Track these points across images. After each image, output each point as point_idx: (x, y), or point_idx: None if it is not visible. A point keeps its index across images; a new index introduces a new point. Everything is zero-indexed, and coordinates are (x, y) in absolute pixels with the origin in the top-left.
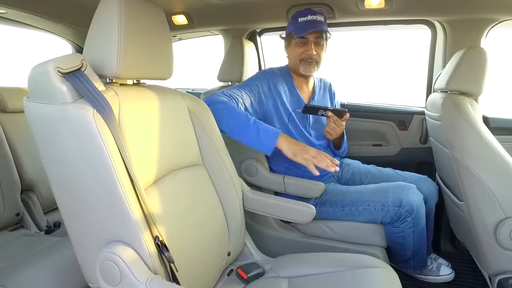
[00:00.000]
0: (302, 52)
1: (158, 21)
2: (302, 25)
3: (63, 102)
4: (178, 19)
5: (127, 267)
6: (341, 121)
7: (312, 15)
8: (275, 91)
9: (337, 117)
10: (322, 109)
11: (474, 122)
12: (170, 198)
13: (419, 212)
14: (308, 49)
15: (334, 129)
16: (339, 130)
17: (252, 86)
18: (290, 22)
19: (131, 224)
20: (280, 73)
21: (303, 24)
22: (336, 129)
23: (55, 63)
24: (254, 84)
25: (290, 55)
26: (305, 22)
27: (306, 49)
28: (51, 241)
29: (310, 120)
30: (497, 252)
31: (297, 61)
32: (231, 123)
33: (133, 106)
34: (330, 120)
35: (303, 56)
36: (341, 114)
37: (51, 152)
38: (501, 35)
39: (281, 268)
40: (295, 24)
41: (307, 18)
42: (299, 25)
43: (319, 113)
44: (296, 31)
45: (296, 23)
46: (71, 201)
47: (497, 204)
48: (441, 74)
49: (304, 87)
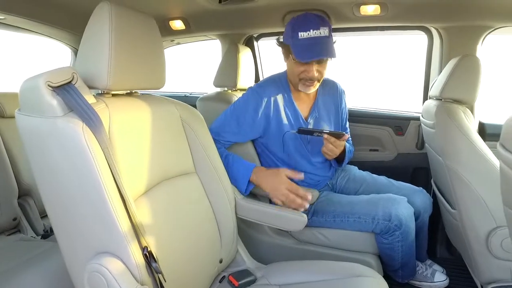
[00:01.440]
0: (302, 72)
1: (150, 32)
2: (305, 45)
3: (53, 116)
4: (175, 24)
5: (113, 279)
6: (339, 142)
7: (315, 29)
8: (267, 109)
9: (335, 138)
10: (317, 132)
11: (467, 131)
12: (161, 207)
13: (408, 226)
14: (309, 70)
15: (332, 150)
16: (338, 151)
17: (239, 114)
18: (288, 33)
19: (118, 236)
20: (275, 85)
21: (306, 43)
22: (334, 150)
23: (46, 77)
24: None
25: (288, 68)
26: (308, 40)
27: (306, 70)
28: (47, 246)
29: (308, 136)
30: (489, 261)
31: (296, 79)
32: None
33: (124, 116)
34: (328, 142)
35: (302, 76)
36: (338, 136)
37: (41, 164)
38: (502, 41)
39: (273, 275)
40: (296, 40)
41: (310, 35)
42: (300, 43)
43: (314, 134)
44: (297, 52)
45: (296, 38)
46: (60, 212)
47: (488, 213)
48: (436, 82)
49: (304, 97)
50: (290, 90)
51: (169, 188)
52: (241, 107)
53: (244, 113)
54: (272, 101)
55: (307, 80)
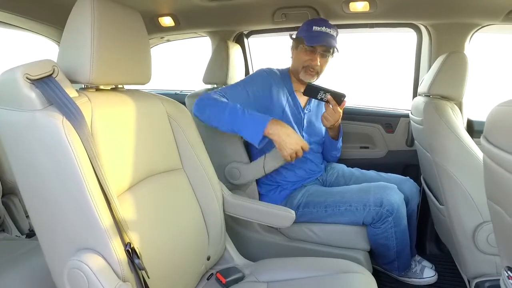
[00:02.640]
0: (307, 60)
1: (135, 26)
2: (315, 35)
3: (32, 109)
4: (165, 21)
5: (94, 275)
6: (338, 108)
7: (327, 27)
8: (269, 92)
9: (335, 102)
10: (323, 90)
11: (454, 127)
12: (146, 203)
13: (399, 211)
14: (313, 59)
15: (332, 114)
16: (337, 116)
17: (246, 85)
18: (303, 27)
19: (99, 232)
20: (280, 75)
21: (317, 33)
22: (334, 115)
23: (24, 69)
24: (248, 83)
25: (295, 58)
26: (319, 32)
27: (311, 58)
28: (31, 245)
29: (304, 124)
30: (475, 256)
31: (300, 66)
32: (220, 116)
33: (107, 111)
34: (328, 105)
35: (306, 64)
36: (339, 99)
37: (20, 159)
38: (492, 39)
39: (261, 272)
40: (309, 31)
41: (322, 29)
42: (312, 33)
43: (318, 96)
44: (308, 38)
45: (310, 30)
46: (40, 208)
47: (475, 208)
48: (424, 79)
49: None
50: (291, 81)
51: (155, 184)
52: (251, 81)
53: (253, 86)
54: (277, 87)
55: (309, 68)
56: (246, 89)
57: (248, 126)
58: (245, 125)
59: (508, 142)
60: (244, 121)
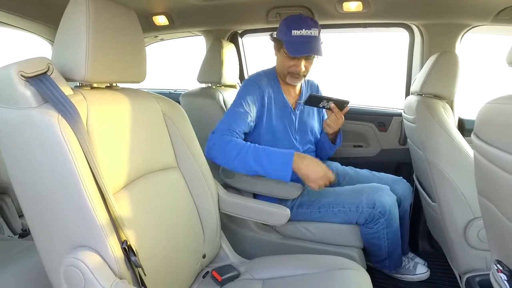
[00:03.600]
0: (291, 66)
1: (130, 24)
2: (297, 42)
3: (27, 107)
4: (159, 20)
5: (90, 273)
6: (341, 114)
7: (307, 29)
8: (261, 99)
9: (338, 109)
10: (326, 99)
11: (446, 125)
12: (142, 201)
13: (392, 213)
14: (298, 65)
15: (335, 121)
16: (340, 122)
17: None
18: (282, 29)
19: (96, 229)
20: (267, 78)
21: (298, 40)
22: (337, 122)
23: (18, 66)
24: (245, 99)
25: (278, 61)
26: (300, 38)
27: (295, 64)
28: (24, 245)
29: (295, 125)
30: (466, 251)
31: (285, 72)
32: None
33: (103, 109)
34: (331, 112)
35: (291, 70)
36: (342, 105)
37: (15, 157)
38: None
39: (256, 270)
40: (289, 37)
41: (302, 33)
42: (292, 39)
43: (320, 105)
44: (290, 47)
45: (289, 35)
46: (35, 206)
47: (466, 205)
48: (417, 78)
49: (291, 91)
50: (279, 83)
51: (150, 182)
52: (245, 97)
53: (249, 101)
54: (267, 91)
55: (294, 74)
56: (245, 108)
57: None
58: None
59: (498, 138)
60: (270, 165)
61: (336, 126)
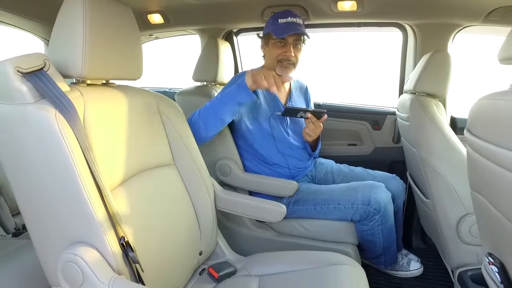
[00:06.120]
0: (280, 54)
1: (126, 21)
2: (283, 26)
3: (24, 103)
4: (154, 18)
5: (89, 268)
6: (319, 123)
7: (292, 17)
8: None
9: (316, 118)
10: (302, 110)
11: (439, 123)
12: (138, 198)
13: (387, 210)
14: (287, 50)
15: (314, 130)
16: (318, 131)
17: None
18: (269, 22)
19: (94, 225)
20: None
21: (284, 25)
22: (315, 130)
23: (15, 62)
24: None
25: (267, 55)
26: (286, 23)
27: (284, 51)
28: (17, 244)
29: (288, 120)
30: (458, 246)
31: (275, 61)
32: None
33: (100, 106)
34: (309, 122)
35: (281, 57)
36: (319, 115)
37: (11, 153)
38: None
39: (253, 266)
40: (275, 25)
41: (288, 20)
42: (279, 25)
43: (298, 115)
44: (277, 31)
45: (276, 23)
46: (32, 202)
47: (459, 201)
48: (410, 77)
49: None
50: None
51: (147, 179)
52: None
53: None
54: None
55: (284, 61)
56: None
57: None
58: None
59: (491, 133)
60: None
61: (315, 134)
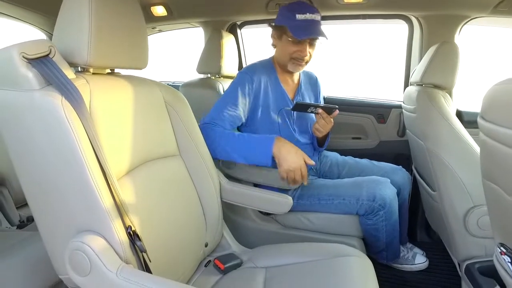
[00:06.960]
0: (295, 52)
1: (132, 10)
2: (302, 26)
3: (30, 89)
4: (157, 10)
5: (96, 256)
6: (330, 118)
7: (311, 13)
8: (257, 90)
9: (327, 113)
10: (313, 106)
11: (447, 115)
12: (144, 188)
13: (391, 206)
14: (303, 49)
15: (324, 126)
16: (329, 127)
17: (235, 95)
18: (284, 14)
19: (101, 213)
20: (263, 68)
21: (303, 24)
22: (326, 126)
23: (20, 48)
24: (235, 92)
25: (280, 49)
26: (305, 22)
27: (300, 49)
28: (22, 236)
29: (294, 116)
30: (466, 239)
31: (287, 58)
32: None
33: (106, 95)
34: (320, 117)
35: (295, 55)
36: (330, 110)
37: (17, 140)
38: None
39: (259, 258)
40: (292, 21)
41: (306, 17)
42: (297, 23)
43: (308, 110)
44: (295, 31)
45: (293, 19)
46: (39, 190)
47: (466, 193)
48: (417, 68)
49: (289, 81)
50: (276, 73)
51: (153, 169)
52: (235, 90)
53: (238, 94)
54: (262, 82)
55: (298, 60)
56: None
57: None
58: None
59: (507, 117)
60: (250, 150)
61: (325, 130)
